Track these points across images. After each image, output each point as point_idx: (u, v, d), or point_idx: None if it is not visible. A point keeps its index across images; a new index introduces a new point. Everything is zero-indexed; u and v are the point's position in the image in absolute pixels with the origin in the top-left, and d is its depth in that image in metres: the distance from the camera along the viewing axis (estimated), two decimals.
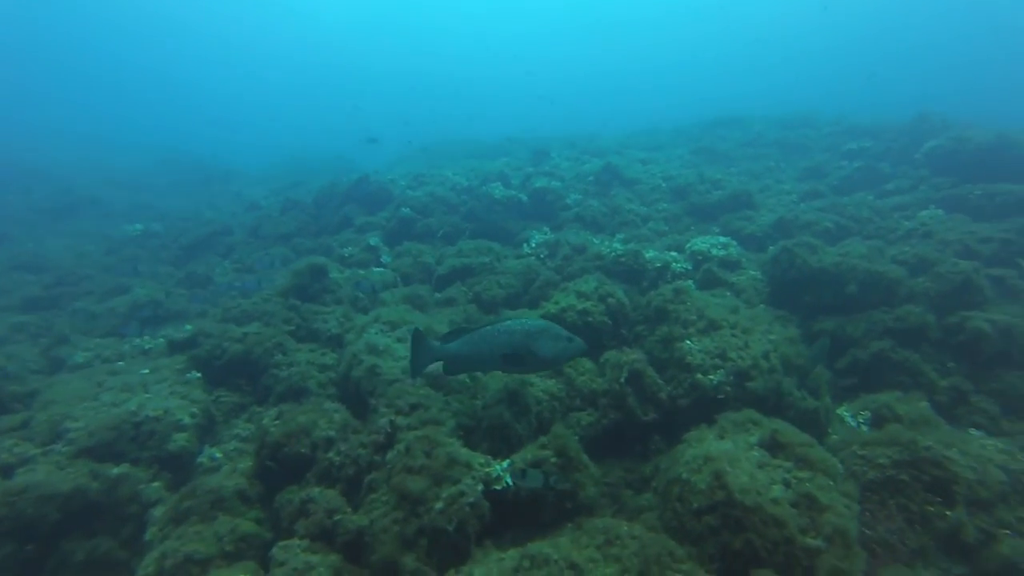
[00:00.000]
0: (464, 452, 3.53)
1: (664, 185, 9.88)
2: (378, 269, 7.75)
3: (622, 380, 4.65)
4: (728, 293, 6.13)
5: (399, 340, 5.42)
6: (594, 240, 7.93)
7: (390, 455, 3.53)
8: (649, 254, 6.77)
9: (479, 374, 4.72)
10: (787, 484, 2.92)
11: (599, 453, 4.58)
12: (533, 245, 7.49)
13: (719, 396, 4.38)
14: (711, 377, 4.38)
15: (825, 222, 7.62)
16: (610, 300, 5.82)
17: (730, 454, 3.04)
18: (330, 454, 3.64)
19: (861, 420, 4.34)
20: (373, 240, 8.49)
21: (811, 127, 15.10)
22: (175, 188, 21.35)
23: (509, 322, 3.34)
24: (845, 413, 4.51)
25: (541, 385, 4.80)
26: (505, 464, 3.53)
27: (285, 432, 3.66)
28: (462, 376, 4.60)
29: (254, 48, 76.11)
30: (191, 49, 73.71)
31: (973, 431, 4.39)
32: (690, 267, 6.48)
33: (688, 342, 4.74)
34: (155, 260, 10.04)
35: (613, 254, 6.64)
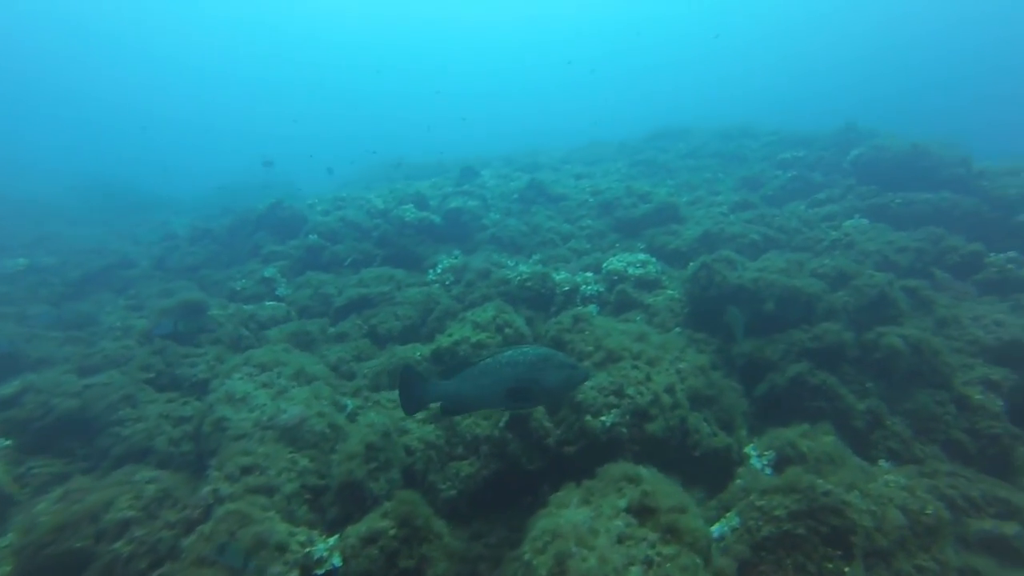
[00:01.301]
0: (282, 529, 2.96)
1: (592, 200, 9.59)
2: (271, 303, 7.12)
3: (501, 425, 4.17)
4: (640, 317, 5.76)
5: (264, 386, 4.81)
6: (508, 263, 7.52)
7: (188, 540, 2.93)
8: (560, 276, 6.38)
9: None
10: (649, 563, 2.46)
11: (483, 507, 4.08)
12: (439, 271, 7.01)
13: (614, 439, 3.94)
14: (603, 419, 3.94)
15: (752, 235, 7.41)
16: (508, 331, 5.39)
17: (582, 528, 2.57)
18: (117, 544, 3.00)
19: (766, 461, 3.95)
20: (268, 271, 7.85)
21: (750, 137, 15.23)
22: (93, 217, 20.05)
23: (510, 352, 3.14)
24: (752, 452, 4.12)
25: (418, 432, 4.29)
26: (332, 541, 2.97)
27: (57, 523, 3.00)
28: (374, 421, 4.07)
29: (206, 68, 74.31)
30: (128, 66, 71.18)
31: (883, 463, 4.07)
32: (602, 289, 6.10)
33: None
34: (32, 299, 9.10)
35: (519, 278, 6.21)
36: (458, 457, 4.22)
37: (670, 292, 6.01)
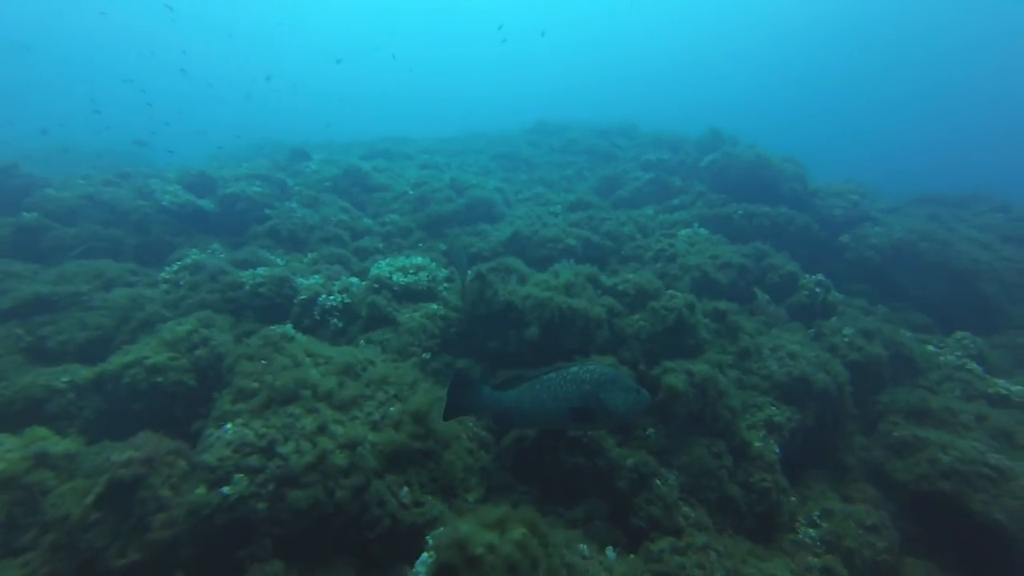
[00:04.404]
0: None
1: (411, 193, 8.56)
2: None
3: (88, 502, 2.97)
4: (391, 336, 4.76)
5: None
6: (277, 261, 6.29)
7: None
8: (307, 281, 5.25)
9: None
10: None
11: None
12: (175, 269, 5.64)
13: (238, 519, 2.87)
14: (225, 490, 2.85)
15: (569, 240, 6.70)
16: (200, 351, 4.19)
17: None
18: None
19: (430, 565, 3.04)
20: None
21: (627, 136, 14.99)
22: None
23: (575, 368, 3.09)
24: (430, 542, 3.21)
25: None
26: None
27: None
28: None
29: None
30: None
31: (610, 552, 3.31)
32: (349, 300, 5.04)
33: (229, 426, 3.20)
34: None
35: (252, 283, 5.02)
36: None
37: (433, 307, 5.07)
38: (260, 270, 5.26)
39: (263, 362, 3.69)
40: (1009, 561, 3.76)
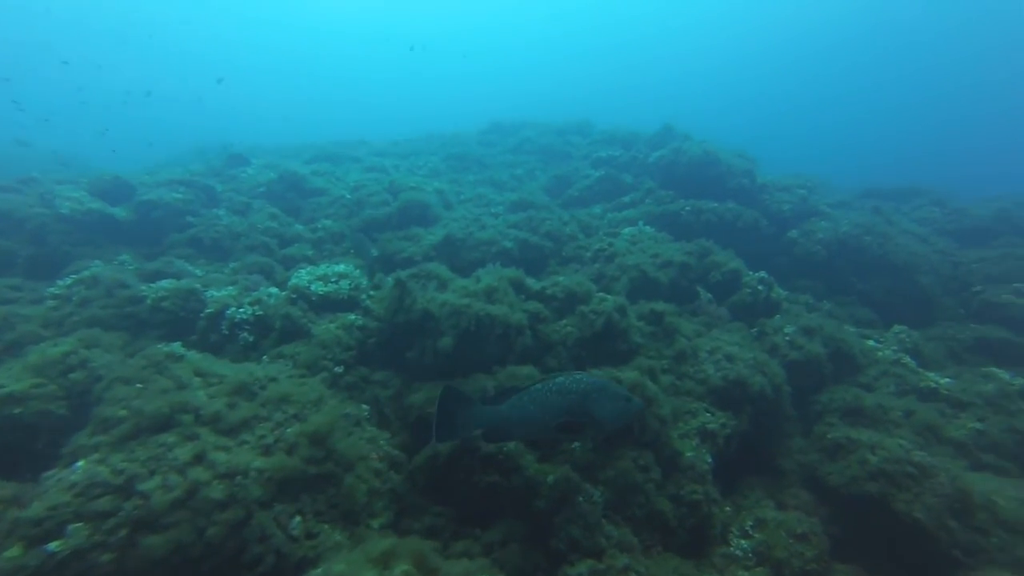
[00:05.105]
0: None
1: (349, 197, 8.23)
2: None
3: None
4: (302, 350, 4.46)
5: None
6: (196, 271, 5.91)
7: None
8: (218, 293, 4.91)
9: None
10: None
11: None
12: (67, 283, 5.20)
13: None
14: (51, 547, 2.52)
15: (505, 242, 6.48)
16: (76, 376, 3.83)
17: None
18: None
19: None
20: None
21: (582, 134, 14.83)
22: None
23: (561, 379, 3.01)
24: None
25: None
26: None
27: None
28: None
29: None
30: None
31: None
32: (260, 312, 4.71)
33: (80, 464, 2.87)
34: None
35: (154, 296, 4.66)
36: None
37: (351, 317, 4.78)
38: (164, 282, 4.89)
39: (139, 386, 3.36)
40: (929, 559, 3.68)
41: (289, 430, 3.47)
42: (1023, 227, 8.53)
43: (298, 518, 3.16)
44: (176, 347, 3.80)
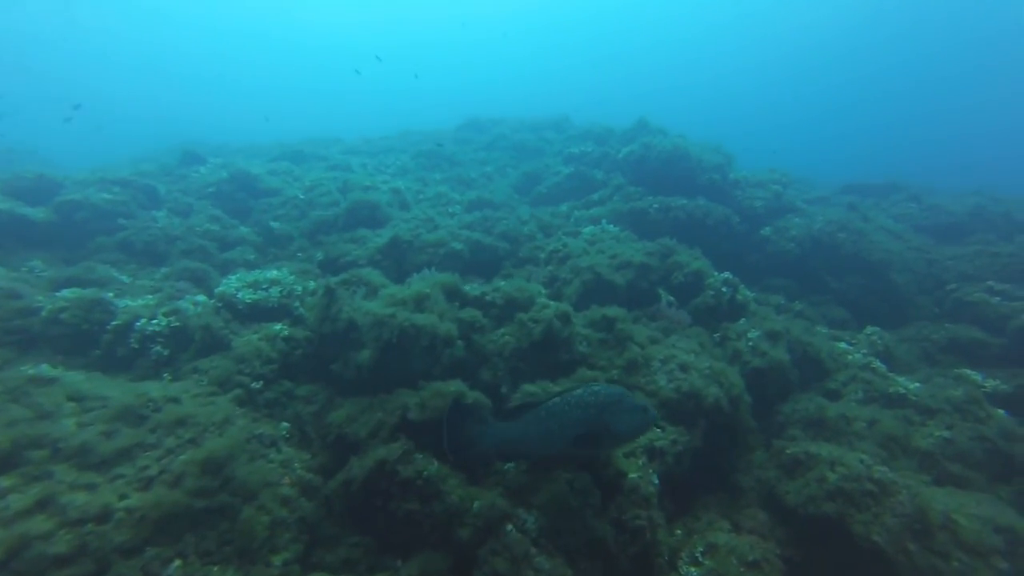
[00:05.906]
0: None
1: (302, 197, 7.87)
2: None
3: None
4: (220, 362, 4.12)
5: None
6: (123, 278, 5.56)
7: None
8: (132, 303, 4.56)
9: None
10: None
11: None
12: None
13: None
14: None
15: (454, 243, 6.14)
16: None
17: None
18: None
19: None
20: None
21: (558, 130, 14.55)
22: None
23: (579, 392, 2.99)
24: None
25: None
26: None
27: None
28: None
29: None
30: None
31: None
32: (177, 323, 4.36)
33: None
34: None
35: (51, 307, 4.29)
36: None
37: (277, 327, 4.45)
38: (64, 292, 4.51)
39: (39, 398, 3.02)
40: None
41: (182, 457, 3.13)
42: (997, 223, 8.31)
43: (178, 562, 2.83)
44: (44, 368, 3.44)
